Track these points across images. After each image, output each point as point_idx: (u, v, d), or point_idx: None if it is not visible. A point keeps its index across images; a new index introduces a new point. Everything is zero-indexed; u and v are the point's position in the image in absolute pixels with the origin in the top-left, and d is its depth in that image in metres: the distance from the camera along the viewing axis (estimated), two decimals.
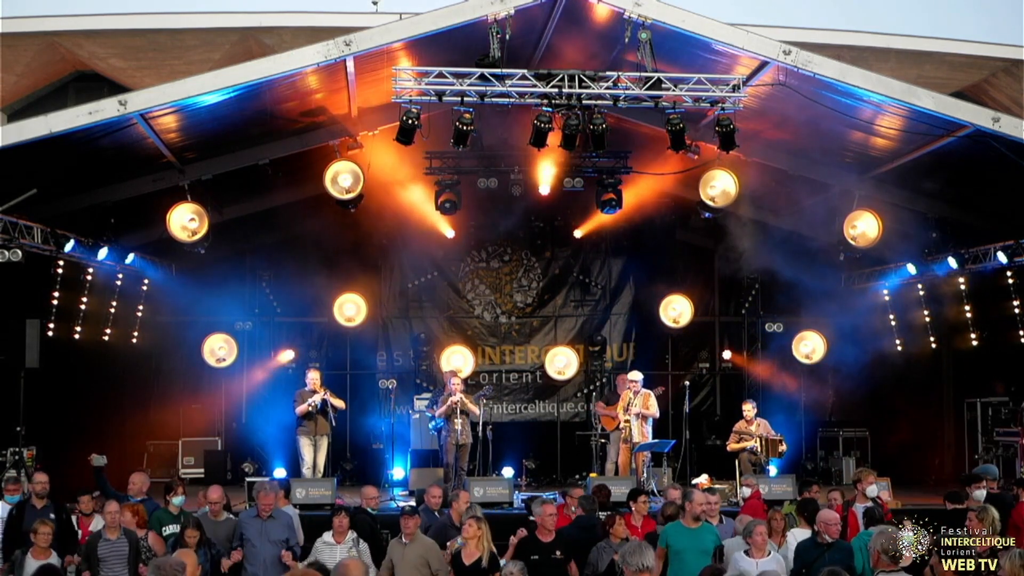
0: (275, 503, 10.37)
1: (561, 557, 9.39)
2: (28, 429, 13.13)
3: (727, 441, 15.22)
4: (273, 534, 10.03)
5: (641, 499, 10.81)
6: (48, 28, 18.75)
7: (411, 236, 17.50)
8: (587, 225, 17.99)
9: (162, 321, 17.60)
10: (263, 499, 10.22)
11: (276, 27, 18.75)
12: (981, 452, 16.39)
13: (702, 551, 8.99)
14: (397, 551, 9.44)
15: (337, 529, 9.94)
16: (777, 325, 18.58)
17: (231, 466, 17.31)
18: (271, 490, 10.51)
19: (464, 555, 9.21)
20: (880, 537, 7.04)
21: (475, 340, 18.83)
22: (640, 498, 10.83)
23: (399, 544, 9.49)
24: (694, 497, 9.51)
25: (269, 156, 14.64)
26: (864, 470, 11.47)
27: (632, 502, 10.83)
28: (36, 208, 12.92)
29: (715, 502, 10.37)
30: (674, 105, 12.50)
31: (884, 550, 6.88)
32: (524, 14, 11.96)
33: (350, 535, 9.95)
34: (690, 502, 9.43)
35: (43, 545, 9.16)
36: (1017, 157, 12.49)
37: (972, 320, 16.22)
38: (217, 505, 10.45)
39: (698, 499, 9.49)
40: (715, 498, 10.52)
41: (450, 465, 14.72)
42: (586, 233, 18.26)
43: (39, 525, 9.26)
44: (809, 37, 17.88)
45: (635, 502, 10.77)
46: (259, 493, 10.40)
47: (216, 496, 10.50)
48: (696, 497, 9.53)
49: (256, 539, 9.99)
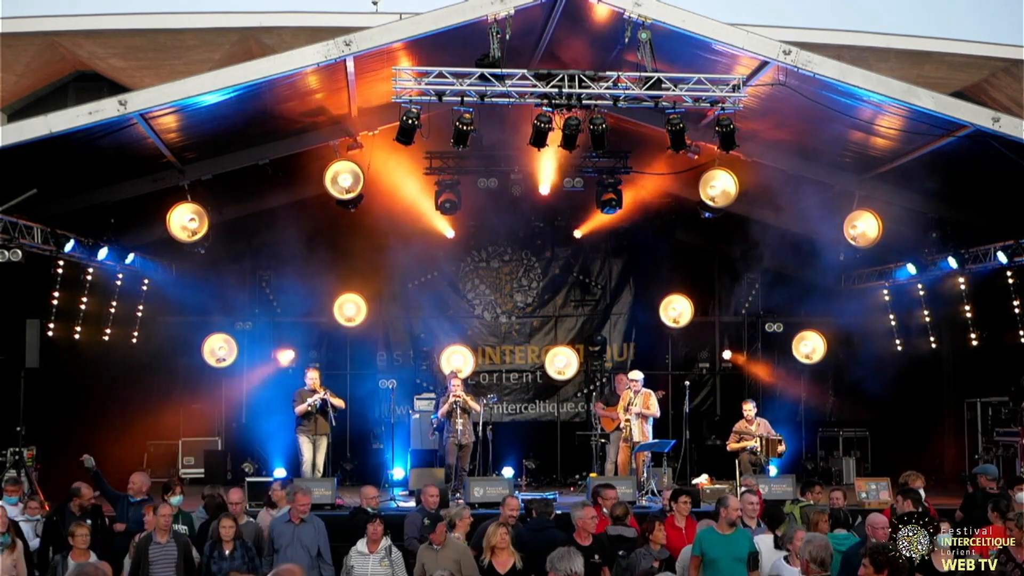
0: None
1: (599, 562, 9.11)
2: (28, 429, 13.13)
3: (727, 441, 15.23)
4: (306, 539, 9.82)
5: (683, 499, 10.41)
6: (48, 28, 18.74)
7: (411, 236, 17.49)
8: (587, 225, 17.99)
9: (162, 321, 17.59)
10: (301, 500, 10.06)
11: (276, 27, 18.74)
12: (981, 452, 16.39)
13: (736, 559, 8.71)
14: (429, 557, 9.24)
15: (371, 537, 9.56)
16: (777, 325, 18.57)
17: (231, 466, 17.29)
18: (307, 491, 10.34)
19: (497, 563, 8.98)
20: (808, 545, 7.06)
21: (475, 340, 18.83)
22: (682, 498, 10.42)
23: (430, 550, 9.30)
24: (729, 502, 9.14)
25: (269, 156, 14.63)
26: (911, 473, 10.91)
27: (673, 503, 10.45)
28: (36, 208, 12.91)
29: (756, 503, 9.98)
30: (674, 105, 12.49)
31: (813, 558, 6.93)
32: (524, 14, 11.95)
33: (383, 543, 9.58)
34: (725, 507, 9.06)
35: (82, 547, 9.20)
36: (1017, 157, 12.49)
37: (972, 320, 16.21)
38: (238, 506, 10.40)
39: (733, 504, 9.16)
40: (755, 499, 10.10)
41: (451, 466, 14.74)
42: (586, 233, 18.26)
43: (76, 527, 9.34)
44: (809, 37, 17.88)
45: (676, 503, 10.38)
46: (296, 494, 10.20)
47: (236, 497, 10.48)
48: (731, 502, 9.17)
49: (288, 546, 9.76)
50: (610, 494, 10.89)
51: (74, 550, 9.17)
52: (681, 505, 10.33)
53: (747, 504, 9.86)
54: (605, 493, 10.89)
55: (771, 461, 14.73)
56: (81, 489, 10.29)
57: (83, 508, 9.95)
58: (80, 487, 10.39)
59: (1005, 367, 15.80)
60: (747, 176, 14.83)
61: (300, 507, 10.02)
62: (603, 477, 14.65)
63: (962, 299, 16.09)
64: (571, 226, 18.31)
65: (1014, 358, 15.39)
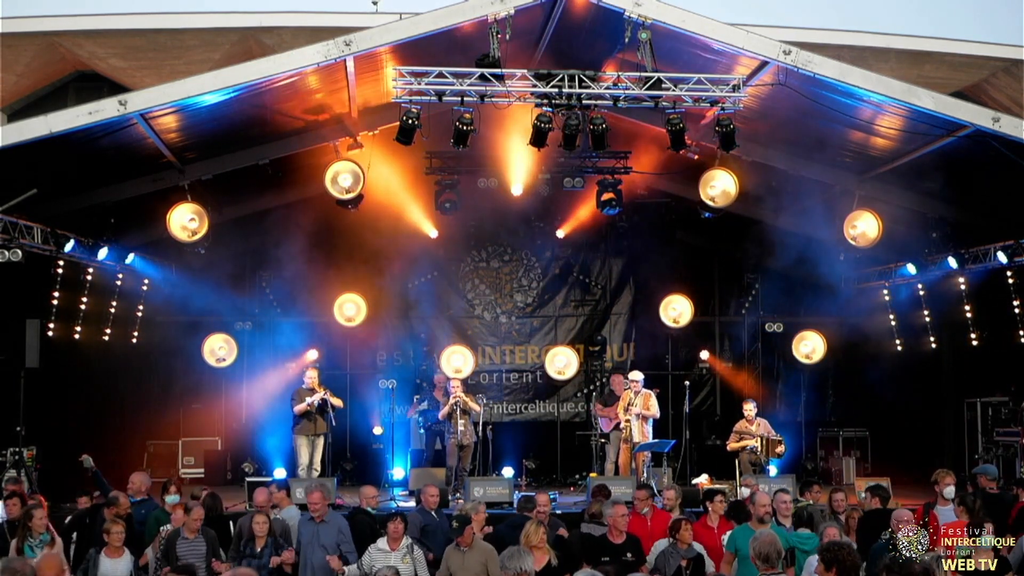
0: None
1: (632, 559, 9.10)
2: (28, 429, 13.15)
3: (727, 441, 15.23)
4: (324, 538, 9.84)
5: (718, 499, 10.38)
6: (48, 28, 18.74)
7: (411, 236, 17.51)
8: (587, 225, 17.98)
9: (162, 321, 17.59)
10: (312, 499, 10.06)
11: (276, 27, 18.73)
12: (981, 452, 16.38)
13: None
14: (456, 558, 9.20)
15: (392, 535, 9.53)
16: (777, 325, 18.58)
17: (231, 466, 17.32)
18: (317, 489, 10.26)
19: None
20: (755, 542, 7.07)
21: (475, 340, 18.84)
22: (717, 498, 10.39)
23: (457, 551, 9.23)
24: (757, 499, 9.09)
25: (269, 156, 14.63)
26: (943, 471, 10.62)
27: (709, 502, 10.43)
28: (36, 208, 12.91)
29: (788, 501, 9.87)
30: (674, 105, 12.49)
31: (758, 554, 6.95)
32: (524, 14, 11.95)
33: (404, 541, 9.55)
34: (753, 504, 9.01)
35: (116, 544, 9.34)
36: (1017, 157, 12.48)
37: (972, 320, 16.20)
38: (266, 507, 10.49)
39: (761, 500, 9.09)
40: (786, 497, 9.98)
41: (451, 467, 14.75)
42: (586, 233, 18.25)
43: (111, 524, 9.47)
44: (809, 37, 17.87)
45: (712, 502, 10.35)
46: (311, 493, 10.20)
47: (262, 499, 10.57)
48: (759, 499, 9.11)
49: (307, 544, 9.81)
50: (669, 493, 11.01)
51: (108, 547, 9.35)
52: (717, 504, 10.31)
53: (780, 503, 9.75)
54: (667, 493, 10.98)
55: (771, 461, 14.74)
56: (119, 499, 10.37)
57: (118, 516, 10.06)
58: (118, 496, 10.44)
59: (1005, 367, 15.80)
60: (747, 176, 14.82)
61: (313, 506, 10.02)
62: (603, 477, 14.65)
63: (962, 299, 16.07)
64: (571, 226, 18.30)
65: (1014, 358, 15.38)
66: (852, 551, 6.74)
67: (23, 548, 9.28)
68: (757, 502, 9.05)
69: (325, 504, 10.11)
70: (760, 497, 9.19)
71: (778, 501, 9.83)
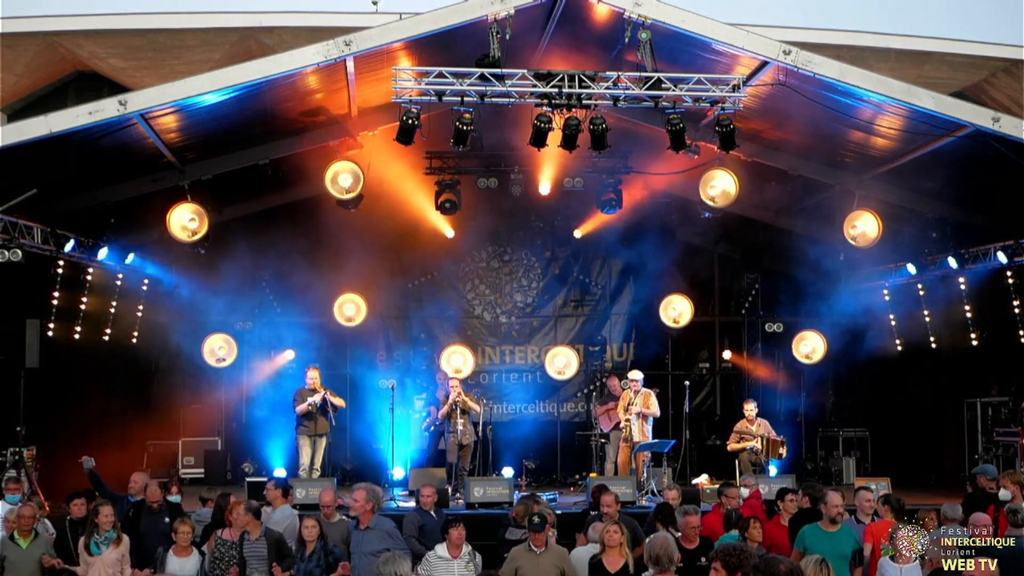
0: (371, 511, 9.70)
1: (705, 564, 8.67)
2: (28, 429, 13.13)
3: (727, 441, 15.23)
4: (367, 545, 9.40)
5: (789, 497, 10.14)
6: (48, 28, 18.76)
7: (411, 236, 17.50)
8: (587, 225, 17.98)
9: (162, 321, 17.57)
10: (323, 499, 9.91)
11: (276, 27, 18.76)
12: (981, 452, 16.39)
13: (840, 556, 8.32)
14: (527, 560, 8.75)
15: (454, 542, 8.99)
16: (777, 325, 18.57)
17: (231, 466, 17.33)
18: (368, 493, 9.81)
19: (607, 562, 8.53)
20: (648, 546, 7.08)
21: (475, 340, 18.83)
22: (788, 496, 10.15)
23: (529, 553, 8.79)
24: (829, 499, 8.79)
25: (269, 156, 14.65)
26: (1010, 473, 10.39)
27: (780, 501, 10.22)
28: (36, 208, 12.91)
29: (871, 500, 9.54)
30: (674, 105, 12.48)
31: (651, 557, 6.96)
32: (524, 14, 11.96)
33: (466, 548, 9.03)
34: (825, 504, 8.74)
35: (184, 544, 9.37)
36: (1017, 157, 12.49)
37: (972, 320, 16.20)
38: (330, 508, 10.14)
39: (833, 500, 8.77)
40: (870, 495, 9.59)
41: (452, 465, 14.75)
42: (586, 233, 18.24)
43: (179, 524, 9.50)
44: (809, 37, 17.90)
45: (783, 501, 10.13)
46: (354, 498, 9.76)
47: (328, 499, 10.19)
48: (831, 499, 8.79)
49: (354, 554, 9.40)
50: (732, 492, 10.87)
51: (176, 546, 9.38)
52: (788, 504, 10.12)
53: (863, 501, 9.53)
54: (729, 492, 10.85)
55: (771, 462, 14.74)
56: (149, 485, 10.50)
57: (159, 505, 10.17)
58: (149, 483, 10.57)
59: (1005, 367, 15.81)
60: (747, 176, 14.82)
61: (325, 508, 9.87)
62: (603, 477, 14.65)
63: (962, 299, 16.07)
64: (571, 226, 18.31)
65: (1014, 358, 15.38)
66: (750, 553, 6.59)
67: (90, 545, 9.39)
68: (829, 502, 8.76)
69: (367, 507, 9.62)
70: (832, 497, 8.85)
71: (861, 499, 9.59)
